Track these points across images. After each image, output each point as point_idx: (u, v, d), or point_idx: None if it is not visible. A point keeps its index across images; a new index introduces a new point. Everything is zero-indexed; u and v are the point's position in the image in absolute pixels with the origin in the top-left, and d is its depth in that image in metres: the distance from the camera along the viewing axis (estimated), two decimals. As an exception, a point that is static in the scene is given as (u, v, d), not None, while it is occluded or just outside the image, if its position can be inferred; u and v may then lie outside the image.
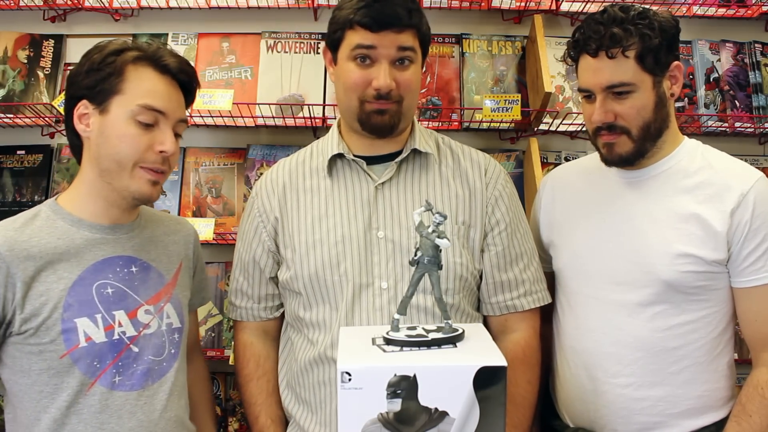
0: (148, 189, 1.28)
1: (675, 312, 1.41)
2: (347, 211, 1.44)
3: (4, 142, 2.22)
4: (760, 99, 2.21)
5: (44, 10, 2.21)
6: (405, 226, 1.42)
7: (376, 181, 1.44)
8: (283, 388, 1.53)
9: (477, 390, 1.04)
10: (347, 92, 1.40)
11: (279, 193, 1.50)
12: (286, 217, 1.48)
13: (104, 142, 1.26)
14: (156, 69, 1.28)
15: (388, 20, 1.34)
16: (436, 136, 1.56)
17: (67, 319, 1.23)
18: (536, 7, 2.18)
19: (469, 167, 1.50)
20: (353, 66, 1.38)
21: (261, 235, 1.51)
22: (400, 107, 1.40)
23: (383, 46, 1.35)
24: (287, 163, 1.56)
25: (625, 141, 1.41)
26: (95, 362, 1.25)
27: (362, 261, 1.40)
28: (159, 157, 1.27)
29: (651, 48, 1.36)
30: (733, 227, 1.37)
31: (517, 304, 1.49)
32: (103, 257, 1.29)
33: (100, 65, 1.26)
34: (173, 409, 1.34)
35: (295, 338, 1.50)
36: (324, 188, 1.47)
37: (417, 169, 1.47)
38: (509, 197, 1.51)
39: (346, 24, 1.37)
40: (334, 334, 1.39)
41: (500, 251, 1.48)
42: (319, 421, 1.42)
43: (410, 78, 1.40)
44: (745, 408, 1.38)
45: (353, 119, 1.43)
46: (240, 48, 2.22)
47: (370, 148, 1.47)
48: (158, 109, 1.26)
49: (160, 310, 1.35)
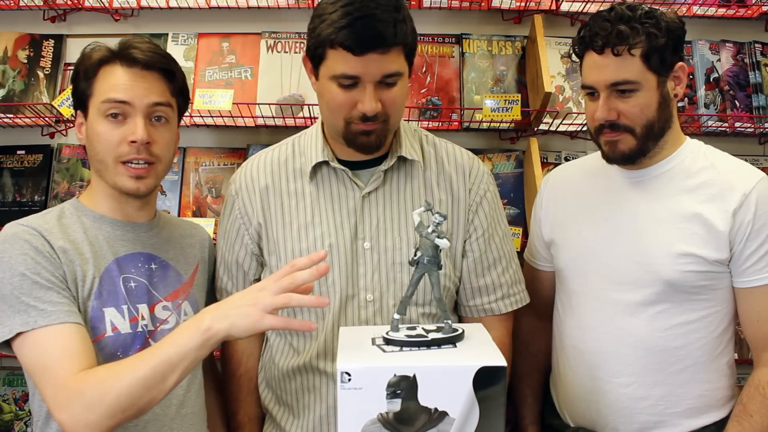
0: (131, 184, 1.29)
1: (676, 312, 1.41)
2: (334, 220, 1.40)
3: (4, 142, 2.22)
4: (760, 99, 2.21)
5: (44, 10, 2.21)
6: (391, 237, 1.40)
7: (362, 189, 1.40)
8: (262, 388, 1.52)
9: (477, 390, 1.04)
10: (332, 112, 1.33)
11: (261, 195, 1.45)
12: (270, 223, 1.44)
13: (89, 145, 1.32)
14: (122, 64, 1.29)
15: (372, 42, 1.24)
16: (420, 136, 1.50)
17: (96, 308, 1.25)
18: (536, 7, 2.18)
19: (453, 172, 1.47)
20: (336, 88, 1.29)
21: (243, 237, 1.47)
22: (386, 126, 1.34)
23: (367, 73, 1.26)
24: (268, 159, 1.49)
25: (628, 139, 1.41)
26: (118, 352, 1.26)
27: (349, 272, 1.38)
28: (133, 148, 1.27)
29: (657, 47, 1.36)
30: (736, 227, 1.37)
31: (494, 308, 1.48)
32: (125, 252, 1.32)
33: (77, 73, 1.32)
34: (190, 406, 1.35)
35: (275, 342, 1.48)
36: (309, 194, 1.43)
37: (402, 177, 1.43)
38: (490, 202, 1.49)
39: (327, 43, 1.26)
40: (320, 344, 1.38)
41: (477, 257, 1.46)
42: (302, 426, 1.41)
43: (395, 96, 1.32)
44: (746, 408, 1.38)
45: (338, 136, 1.37)
46: (240, 48, 2.22)
47: (355, 153, 1.40)
48: (120, 100, 1.27)
49: (177, 307, 1.37)
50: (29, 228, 1.25)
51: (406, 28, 1.29)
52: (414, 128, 1.52)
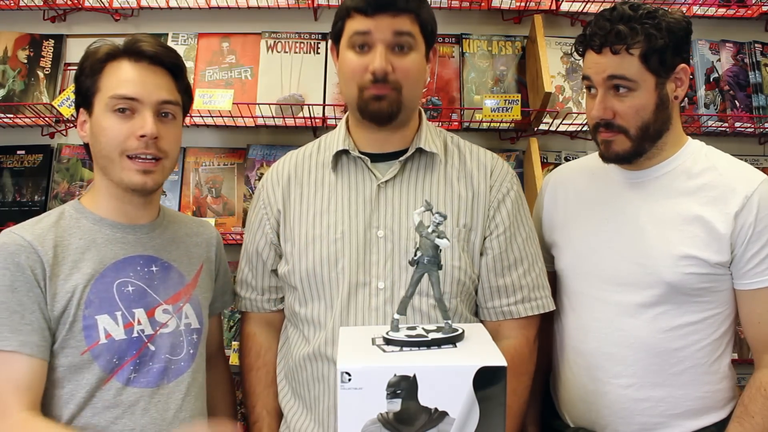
0: (138, 179, 1.28)
1: (677, 313, 1.41)
2: (349, 208, 1.43)
3: (4, 142, 2.22)
4: (760, 99, 2.21)
5: (44, 10, 2.21)
6: (405, 226, 1.40)
7: (379, 179, 1.43)
8: (280, 379, 1.53)
9: (477, 390, 1.04)
10: (347, 81, 1.40)
11: (284, 185, 1.50)
12: (288, 210, 1.48)
13: (94, 141, 1.30)
14: (130, 59, 1.29)
15: (382, 2, 1.33)
16: (445, 135, 1.53)
17: (88, 316, 1.25)
18: (536, 7, 2.18)
19: (474, 169, 1.48)
20: (351, 54, 1.37)
21: (264, 227, 1.51)
22: (399, 95, 1.36)
23: (378, 30, 1.34)
24: (294, 155, 1.55)
25: (622, 140, 1.40)
26: (114, 359, 1.26)
27: (360, 259, 1.39)
28: (142, 143, 1.27)
29: (656, 48, 1.35)
30: (737, 230, 1.37)
31: (513, 311, 1.46)
32: (124, 256, 1.31)
33: (82, 71, 1.31)
34: (188, 410, 1.34)
35: (291, 333, 1.51)
36: (328, 183, 1.46)
37: (421, 169, 1.45)
38: (513, 200, 1.47)
39: (344, 13, 1.38)
40: (328, 332, 1.39)
41: (497, 255, 1.44)
42: (314, 419, 1.42)
43: (409, 65, 1.37)
44: (748, 409, 1.38)
45: (354, 108, 1.42)
46: (240, 48, 2.22)
47: (376, 144, 1.45)
48: (129, 96, 1.27)
49: (178, 310, 1.36)
50: (21, 238, 1.23)
51: (419, 2, 1.38)
52: (441, 129, 1.56)
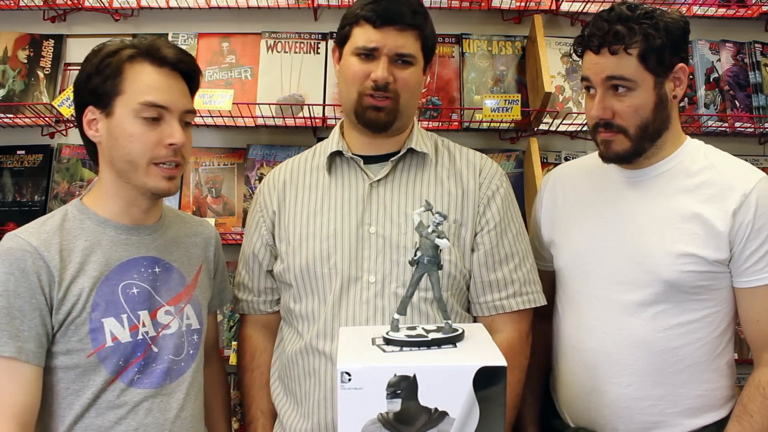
0: (164, 185, 1.30)
1: (676, 312, 1.41)
2: (341, 207, 1.47)
3: (4, 142, 2.22)
4: (760, 99, 2.21)
5: (44, 10, 2.21)
6: (397, 223, 1.44)
7: (371, 179, 1.47)
8: (273, 380, 1.55)
9: (477, 390, 1.04)
10: (348, 85, 1.45)
11: (279, 189, 1.54)
12: (283, 211, 1.52)
13: (114, 145, 1.28)
14: (153, 63, 1.28)
15: (391, 16, 1.40)
16: (436, 138, 1.58)
17: (95, 319, 1.25)
18: (536, 7, 2.18)
19: (464, 167, 1.52)
20: (355, 60, 1.43)
21: (261, 229, 1.55)
22: (397, 105, 1.43)
23: (384, 43, 1.40)
24: (291, 162, 1.60)
25: (622, 140, 1.41)
26: (120, 361, 1.27)
27: (352, 255, 1.43)
28: (170, 151, 1.28)
29: (654, 48, 1.35)
30: (735, 227, 1.37)
31: (506, 305, 1.48)
32: (129, 258, 1.31)
33: (98, 69, 1.27)
34: (189, 409, 1.35)
35: (286, 332, 1.53)
36: (322, 184, 1.50)
37: (412, 168, 1.49)
38: (503, 198, 1.51)
39: (353, 20, 1.43)
40: (320, 325, 1.42)
41: (488, 250, 1.48)
42: (302, 413, 1.44)
43: (408, 77, 1.43)
44: (747, 408, 1.38)
45: (350, 112, 1.46)
46: (240, 48, 2.22)
47: (368, 146, 1.49)
48: (160, 105, 1.26)
49: (180, 311, 1.36)
50: (27, 243, 1.23)
51: (424, 20, 1.46)
52: (432, 133, 1.60)
